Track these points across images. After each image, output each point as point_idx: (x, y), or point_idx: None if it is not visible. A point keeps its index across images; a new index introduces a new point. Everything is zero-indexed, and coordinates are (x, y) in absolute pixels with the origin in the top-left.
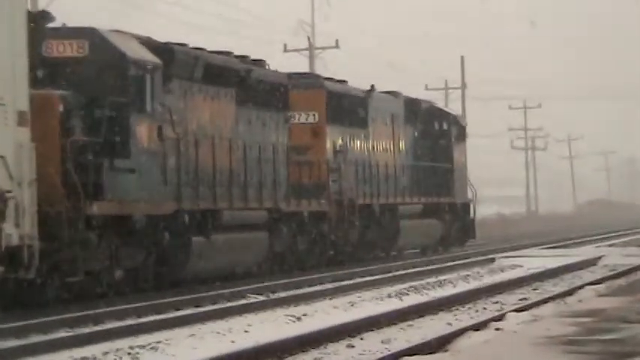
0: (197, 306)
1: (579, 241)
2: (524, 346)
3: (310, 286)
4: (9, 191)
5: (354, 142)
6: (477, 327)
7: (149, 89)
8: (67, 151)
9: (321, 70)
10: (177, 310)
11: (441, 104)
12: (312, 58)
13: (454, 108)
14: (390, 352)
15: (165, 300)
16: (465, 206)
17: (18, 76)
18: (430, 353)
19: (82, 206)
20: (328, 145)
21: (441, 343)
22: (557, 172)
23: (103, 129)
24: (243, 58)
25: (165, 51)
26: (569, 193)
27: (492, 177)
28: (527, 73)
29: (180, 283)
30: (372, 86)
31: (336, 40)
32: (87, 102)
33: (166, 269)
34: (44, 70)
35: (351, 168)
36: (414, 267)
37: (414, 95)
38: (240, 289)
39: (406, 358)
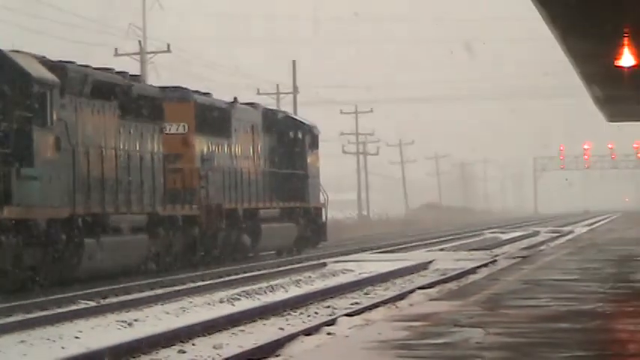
0: (26, 312)
1: (410, 245)
2: (356, 350)
3: (141, 291)
4: None
5: (219, 151)
6: (309, 332)
7: (49, 105)
8: None
9: (152, 75)
10: (8, 316)
11: (295, 115)
12: (143, 63)
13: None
14: (221, 358)
15: None
16: (318, 210)
17: None
18: (262, 358)
19: None
20: (197, 153)
21: (273, 348)
22: (389, 176)
23: (10, 140)
24: (122, 73)
25: (58, 69)
26: (402, 198)
27: (324, 181)
28: (360, 77)
29: (74, 281)
30: (235, 98)
31: (168, 45)
32: None
33: (62, 268)
34: None
35: (218, 175)
36: (264, 268)
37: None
38: (70, 294)
39: None
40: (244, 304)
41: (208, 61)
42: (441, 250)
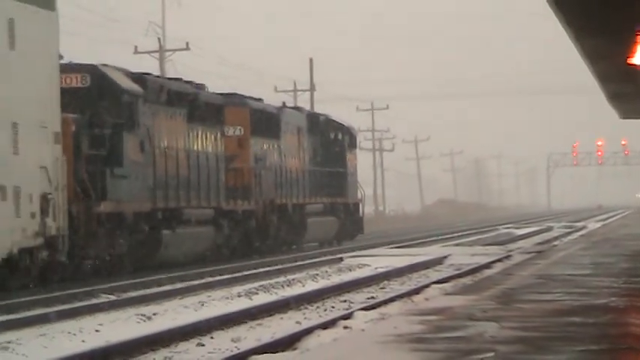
0: (47, 306)
1: (426, 240)
2: (372, 344)
3: (160, 285)
4: (49, 194)
5: (270, 151)
6: (326, 325)
7: (136, 112)
8: (80, 161)
9: (171, 72)
10: (29, 309)
11: (335, 117)
12: (162, 60)
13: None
14: (239, 351)
15: (16, 300)
16: (356, 205)
17: (54, 104)
18: (279, 352)
19: (93, 205)
20: (251, 154)
21: (290, 341)
22: (405, 172)
23: (105, 144)
24: (189, 83)
25: (139, 80)
26: (417, 194)
27: None
28: (375, 75)
29: (152, 267)
30: (283, 103)
31: (187, 43)
32: (91, 122)
33: (144, 255)
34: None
35: (269, 173)
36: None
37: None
38: (91, 288)
39: (255, 356)
40: (262, 298)
41: (224, 59)
42: (456, 245)
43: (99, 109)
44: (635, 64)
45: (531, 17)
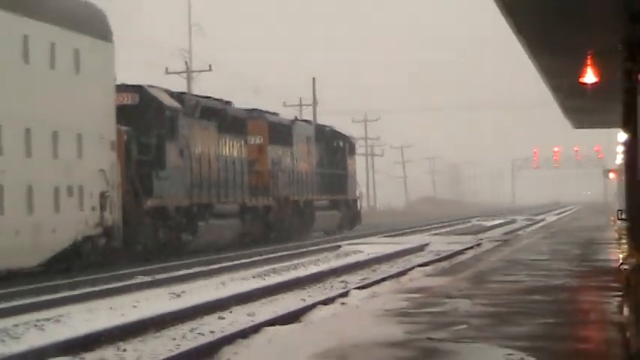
0: (93, 286)
1: (410, 231)
2: (365, 317)
3: (188, 268)
4: (107, 192)
5: (284, 157)
6: (326, 302)
7: (176, 125)
8: (131, 165)
9: (196, 90)
10: (75, 289)
11: (337, 127)
12: (189, 80)
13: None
14: (253, 323)
15: (65, 281)
16: (355, 201)
17: (110, 118)
18: (287, 324)
19: (141, 201)
20: (269, 159)
21: (296, 315)
22: (392, 174)
23: (151, 151)
24: (219, 100)
25: (179, 98)
26: (402, 192)
27: None
28: (368, 90)
29: (189, 253)
30: (295, 117)
31: (210, 65)
32: (139, 133)
33: (182, 243)
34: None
35: (284, 175)
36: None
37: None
38: (129, 271)
39: (267, 327)
40: (273, 280)
41: (242, 76)
42: (435, 235)
43: (146, 122)
44: (585, 83)
45: (497, 45)
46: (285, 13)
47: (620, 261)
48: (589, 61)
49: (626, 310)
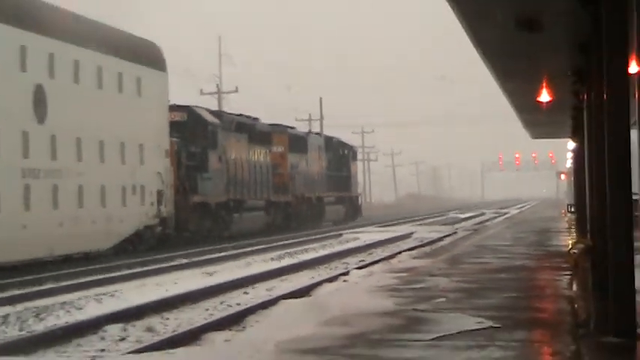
0: (143, 266)
1: (398, 222)
2: (362, 292)
3: (219, 252)
4: (162, 190)
5: (300, 162)
6: (331, 280)
7: (216, 137)
8: (181, 169)
9: (226, 107)
10: (129, 269)
11: (344, 138)
12: (220, 100)
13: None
14: (272, 297)
15: (119, 262)
16: (356, 198)
17: (165, 132)
18: (299, 297)
19: (188, 197)
20: (289, 164)
21: (306, 290)
22: (384, 175)
23: (196, 157)
24: (249, 117)
25: (218, 115)
26: (392, 190)
27: None
28: (362, 107)
29: (226, 238)
30: (310, 130)
31: (236, 87)
32: (187, 143)
33: (221, 230)
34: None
35: (300, 177)
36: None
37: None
38: (171, 254)
39: (283, 300)
40: (288, 261)
41: (262, 96)
42: (419, 225)
43: (192, 135)
44: (541, 101)
45: (469, 70)
46: (296, 44)
47: (570, 246)
48: (544, 84)
49: (574, 286)
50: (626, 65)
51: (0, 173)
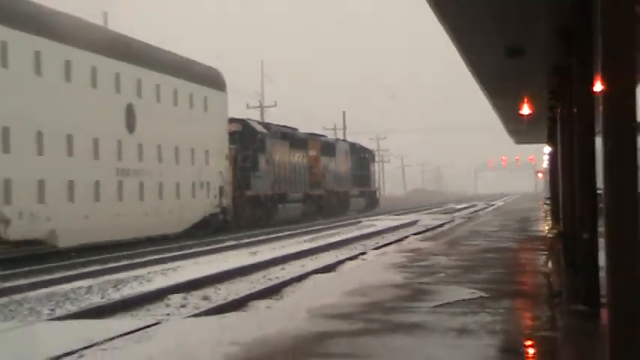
0: (199, 247)
1: (407, 211)
2: (378, 268)
3: (263, 236)
4: (223, 186)
5: (330, 163)
6: (352, 258)
7: (265, 143)
8: (237, 169)
9: (267, 119)
10: (189, 249)
11: (363, 143)
12: (262, 112)
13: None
14: (305, 272)
15: (182, 243)
16: (374, 192)
17: (225, 140)
18: (326, 273)
19: (243, 191)
20: (321, 165)
21: (332, 267)
22: (395, 174)
23: (249, 160)
24: (290, 127)
25: (266, 126)
26: (402, 186)
27: None
28: (378, 115)
29: (272, 225)
30: (337, 138)
31: (275, 102)
32: (238, 149)
33: (269, 218)
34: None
35: (330, 175)
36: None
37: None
38: (221, 237)
39: (313, 275)
40: (317, 243)
41: (296, 108)
42: (424, 214)
43: (246, 142)
44: (523, 114)
45: (464, 88)
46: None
47: (546, 231)
48: (526, 100)
49: (550, 264)
50: (592, 85)
51: (100, 172)
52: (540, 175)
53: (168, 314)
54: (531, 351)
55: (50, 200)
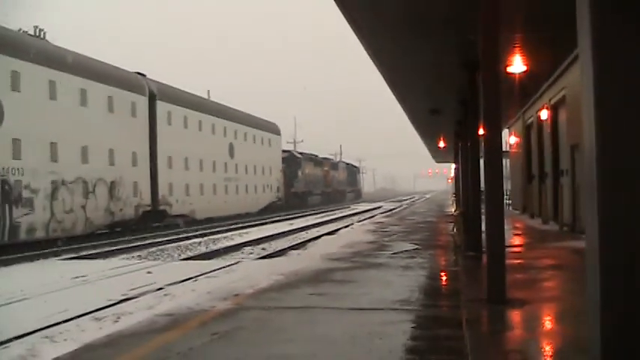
0: (258, 221)
1: (375, 201)
2: (360, 231)
3: (297, 214)
4: (279, 186)
5: (335, 174)
6: (345, 227)
7: (300, 166)
8: (286, 179)
9: (299, 148)
10: (255, 221)
11: (353, 162)
12: (295, 144)
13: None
14: (319, 234)
15: (251, 219)
16: (359, 190)
17: (279, 162)
18: (330, 235)
19: (289, 190)
20: (331, 175)
21: (333, 231)
22: (369, 179)
23: (292, 176)
24: (314, 154)
25: (301, 154)
26: (372, 186)
27: None
28: (365, 142)
29: (305, 208)
30: (340, 160)
31: (302, 139)
32: (286, 167)
33: (303, 205)
34: None
35: (335, 181)
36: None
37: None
38: (269, 217)
39: (324, 236)
40: (326, 218)
41: (315, 140)
42: (385, 202)
43: (290, 163)
44: (440, 146)
45: (405, 125)
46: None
47: (453, 211)
48: (442, 138)
49: (454, 230)
50: (478, 130)
51: (216, 179)
52: (450, 180)
53: (242, 258)
54: (444, 277)
55: (191, 193)
